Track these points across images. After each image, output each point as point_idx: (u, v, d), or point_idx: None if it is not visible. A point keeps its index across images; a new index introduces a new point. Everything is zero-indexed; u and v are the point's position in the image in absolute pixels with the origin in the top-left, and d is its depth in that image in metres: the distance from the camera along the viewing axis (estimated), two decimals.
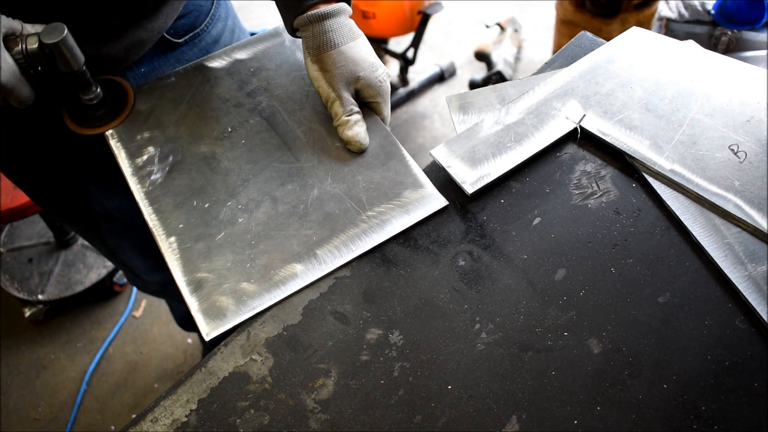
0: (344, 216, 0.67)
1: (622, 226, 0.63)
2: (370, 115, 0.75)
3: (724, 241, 0.60)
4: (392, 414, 0.54)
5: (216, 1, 0.89)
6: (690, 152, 0.66)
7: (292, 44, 0.85)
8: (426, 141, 2.29)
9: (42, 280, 1.82)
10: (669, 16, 1.84)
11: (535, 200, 0.67)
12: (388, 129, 0.75)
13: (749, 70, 0.73)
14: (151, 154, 0.74)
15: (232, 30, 0.93)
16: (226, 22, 0.92)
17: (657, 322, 0.56)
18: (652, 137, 0.68)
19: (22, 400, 1.69)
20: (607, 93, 0.74)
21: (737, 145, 0.66)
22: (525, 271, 0.61)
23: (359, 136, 0.71)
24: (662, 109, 0.71)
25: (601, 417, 0.52)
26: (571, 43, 0.85)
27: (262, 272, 0.63)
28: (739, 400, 0.51)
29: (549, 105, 0.74)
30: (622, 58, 0.78)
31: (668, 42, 0.79)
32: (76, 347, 1.81)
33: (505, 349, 0.56)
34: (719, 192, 0.63)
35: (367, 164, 0.71)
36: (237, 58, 0.84)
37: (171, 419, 0.55)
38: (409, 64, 2.35)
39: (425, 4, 2.12)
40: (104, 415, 1.65)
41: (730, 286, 0.57)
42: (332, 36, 0.70)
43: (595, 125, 0.71)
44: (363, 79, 0.71)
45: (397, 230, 0.65)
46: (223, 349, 0.60)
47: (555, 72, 0.79)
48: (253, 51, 0.85)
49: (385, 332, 0.59)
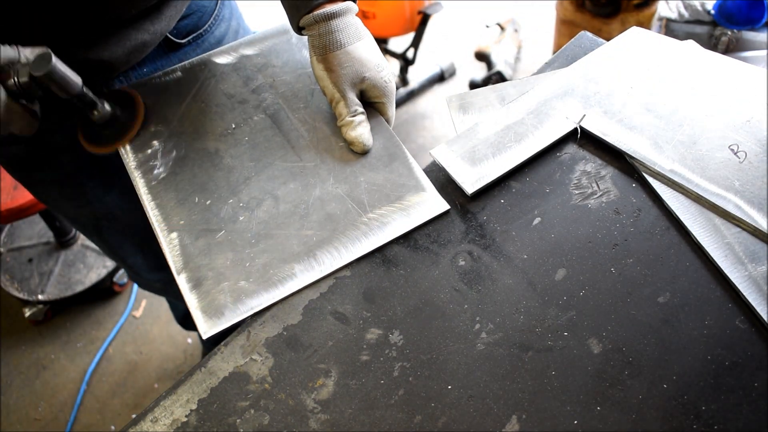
0: (345, 217, 0.67)
1: (622, 226, 0.63)
2: (374, 115, 0.75)
3: (724, 241, 0.60)
4: (392, 414, 0.54)
5: (220, 2, 0.89)
6: (690, 152, 0.66)
7: (298, 41, 0.84)
8: (426, 141, 2.29)
9: (42, 280, 1.82)
10: (669, 16, 1.84)
11: (535, 200, 0.67)
12: (392, 130, 0.75)
13: (749, 70, 0.73)
14: (155, 148, 0.74)
15: (236, 30, 0.93)
16: (230, 22, 0.92)
17: (657, 322, 0.56)
18: (652, 137, 0.68)
19: (22, 400, 1.69)
20: (607, 93, 0.74)
21: (737, 145, 0.66)
22: (525, 271, 0.61)
23: (363, 137, 0.71)
24: (662, 109, 0.71)
25: (601, 417, 0.52)
26: (571, 43, 0.85)
27: (261, 272, 0.63)
28: (739, 400, 0.51)
29: (549, 105, 0.74)
30: (622, 58, 0.78)
31: (668, 42, 0.79)
32: (76, 347, 1.81)
33: (505, 349, 0.56)
34: (719, 192, 0.63)
35: (369, 165, 0.71)
36: (243, 53, 0.84)
37: (171, 419, 0.55)
38: (409, 64, 2.34)
39: (425, 4, 2.11)
40: (104, 415, 1.65)
41: (730, 286, 0.57)
42: (338, 36, 0.69)
43: (595, 125, 0.71)
44: (368, 80, 0.71)
45: (397, 233, 0.65)
46: (223, 349, 0.60)
47: (555, 72, 0.79)
48: (259, 47, 0.84)
49: (385, 332, 0.59)
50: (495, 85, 0.78)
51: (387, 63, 0.73)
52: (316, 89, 0.78)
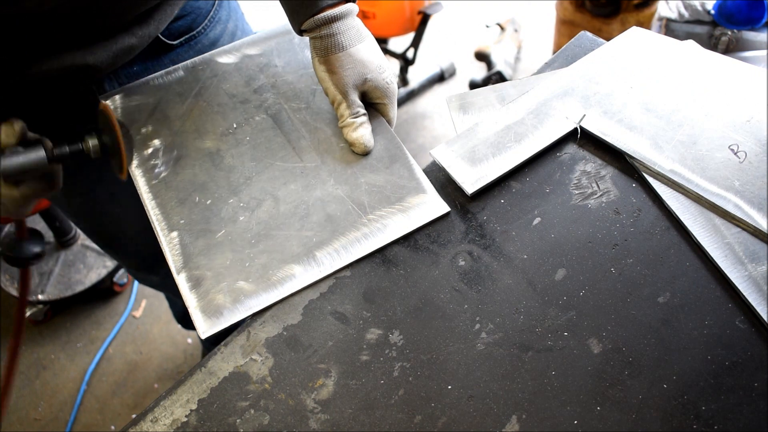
0: (345, 218, 0.67)
1: (622, 226, 0.63)
2: (375, 116, 0.75)
3: (724, 241, 0.60)
4: (392, 414, 0.54)
5: (217, 3, 0.88)
6: (690, 152, 0.66)
7: (300, 42, 0.84)
8: (426, 141, 2.29)
9: (42, 280, 1.82)
10: (669, 16, 1.84)
11: (535, 200, 0.67)
12: (393, 132, 0.75)
13: (749, 70, 0.73)
14: (156, 147, 0.74)
15: (232, 32, 0.92)
16: (227, 24, 0.91)
17: (657, 322, 0.56)
18: (652, 137, 0.68)
19: (22, 400, 1.69)
20: (607, 93, 0.74)
21: (737, 145, 0.66)
22: (525, 271, 0.61)
23: (364, 138, 0.71)
24: (662, 109, 0.71)
25: (601, 417, 0.52)
26: (571, 43, 0.85)
27: (260, 272, 0.63)
28: (739, 400, 0.51)
29: (549, 105, 0.74)
30: (622, 58, 0.78)
31: (668, 42, 0.79)
32: (76, 347, 1.81)
33: (505, 349, 0.56)
34: (719, 192, 0.63)
35: (370, 167, 0.71)
36: (246, 53, 0.84)
37: (171, 419, 0.55)
38: (409, 64, 2.34)
39: (425, 4, 2.11)
40: (104, 415, 1.65)
41: (730, 286, 0.57)
42: (340, 39, 0.70)
43: (596, 125, 0.71)
44: (370, 81, 0.71)
45: (396, 235, 0.65)
46: (223, 349, 0.60)
47: (555, 72, 0.79)
48: (262, 47, 0.84)
49: (385, 332, 0.59)
50: (495, 85, 0.78)
51: (389, 64, 0.73)
52: (317, 90, 0.78)
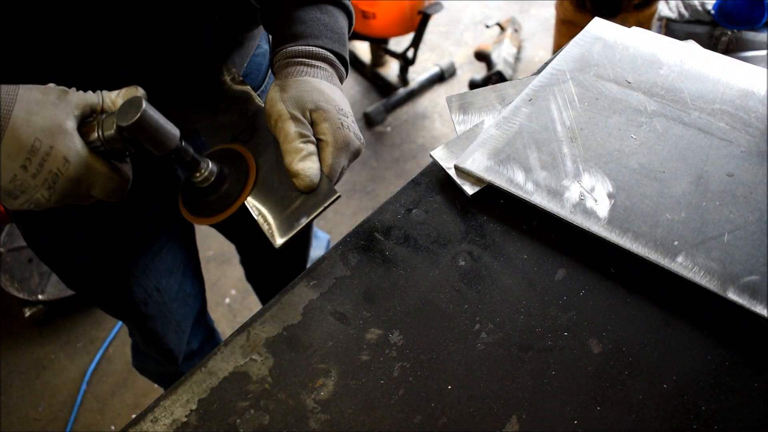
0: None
1: None
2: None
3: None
4: (392, 414, 0.54)
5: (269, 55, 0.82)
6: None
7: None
8: (426, 141, 2.29)
9: (42, 280, 1.82)
10: (669, 16, 1.84)
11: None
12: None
13: (749, 70, 0.74)
14: None
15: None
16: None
17: (657, 322, 0.56)
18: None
19: (22, 400, 1.69)
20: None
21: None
22: (525, 271, 0.61)
23: (311, 171, 0.57)
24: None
25: (601, 417, 0.52)
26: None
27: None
28: (739, 400, 0.51)
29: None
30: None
31: (668, 42, 0.79)
32: (76, 347, 1.80)
33: (505, 349, 0.56)
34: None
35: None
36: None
37: (171, 419, 0.55)
38: (409, 64, 2.34)
39: (425, 4, 2.12)
40: (104, 415, 1.65)
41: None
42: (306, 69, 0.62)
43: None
44: (323, 111, 0.59)
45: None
46: (223, 349, 0.60)
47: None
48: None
49: (385, 332, 0.59)
50: (495, 85, 0.78)
51: (353, 117, 0.62)
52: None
